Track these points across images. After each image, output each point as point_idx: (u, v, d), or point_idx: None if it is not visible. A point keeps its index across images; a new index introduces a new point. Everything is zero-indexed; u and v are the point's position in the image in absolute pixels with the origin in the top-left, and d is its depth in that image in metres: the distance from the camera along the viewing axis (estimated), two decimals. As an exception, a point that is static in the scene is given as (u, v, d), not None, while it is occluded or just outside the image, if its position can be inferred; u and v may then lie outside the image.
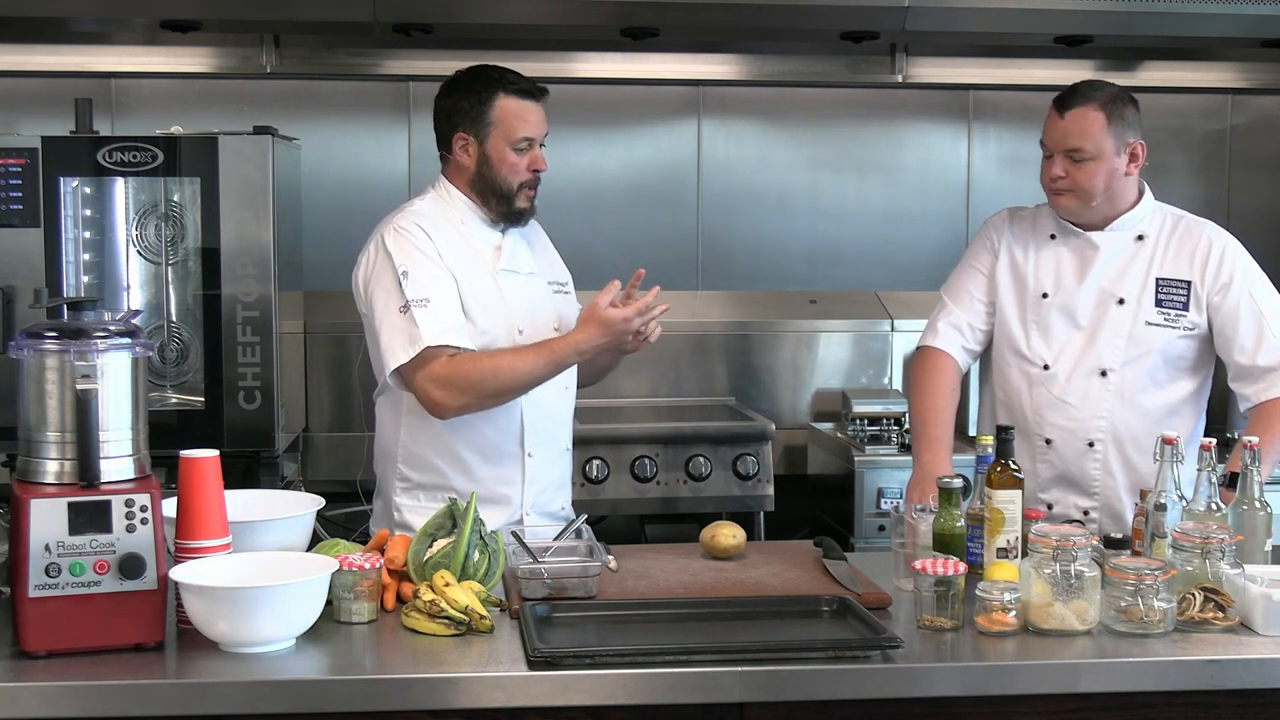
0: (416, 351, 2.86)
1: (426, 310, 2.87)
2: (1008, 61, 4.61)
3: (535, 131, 3.00)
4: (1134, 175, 3.11)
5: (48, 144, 3.74)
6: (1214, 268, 3.08)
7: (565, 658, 2.20)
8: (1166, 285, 3.09)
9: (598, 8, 3.98)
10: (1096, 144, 3.03)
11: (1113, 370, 3.09)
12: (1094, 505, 3.12)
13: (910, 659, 2.26)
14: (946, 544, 2.64)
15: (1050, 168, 3.09)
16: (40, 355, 2.26)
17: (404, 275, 2.90)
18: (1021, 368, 3.16)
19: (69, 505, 2.20)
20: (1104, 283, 3.12)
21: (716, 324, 4.61)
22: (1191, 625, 2.39)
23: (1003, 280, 3.20)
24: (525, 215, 3.06)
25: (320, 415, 4.42)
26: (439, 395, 2.87)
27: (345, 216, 4.34)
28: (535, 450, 3.06)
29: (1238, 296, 3.06)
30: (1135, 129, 3.08)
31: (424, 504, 3.00)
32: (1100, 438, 3.09)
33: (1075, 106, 3.05)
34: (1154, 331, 3.08)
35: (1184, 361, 3.10)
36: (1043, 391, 3.12)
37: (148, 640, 2.24)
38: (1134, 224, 3.14)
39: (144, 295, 3.95)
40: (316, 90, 4.51)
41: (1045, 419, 3.12)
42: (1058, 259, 3.16)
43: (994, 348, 3.24)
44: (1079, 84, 3.10)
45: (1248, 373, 3.06)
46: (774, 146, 4.76)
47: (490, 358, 2.90)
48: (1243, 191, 4.90)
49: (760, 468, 4.08)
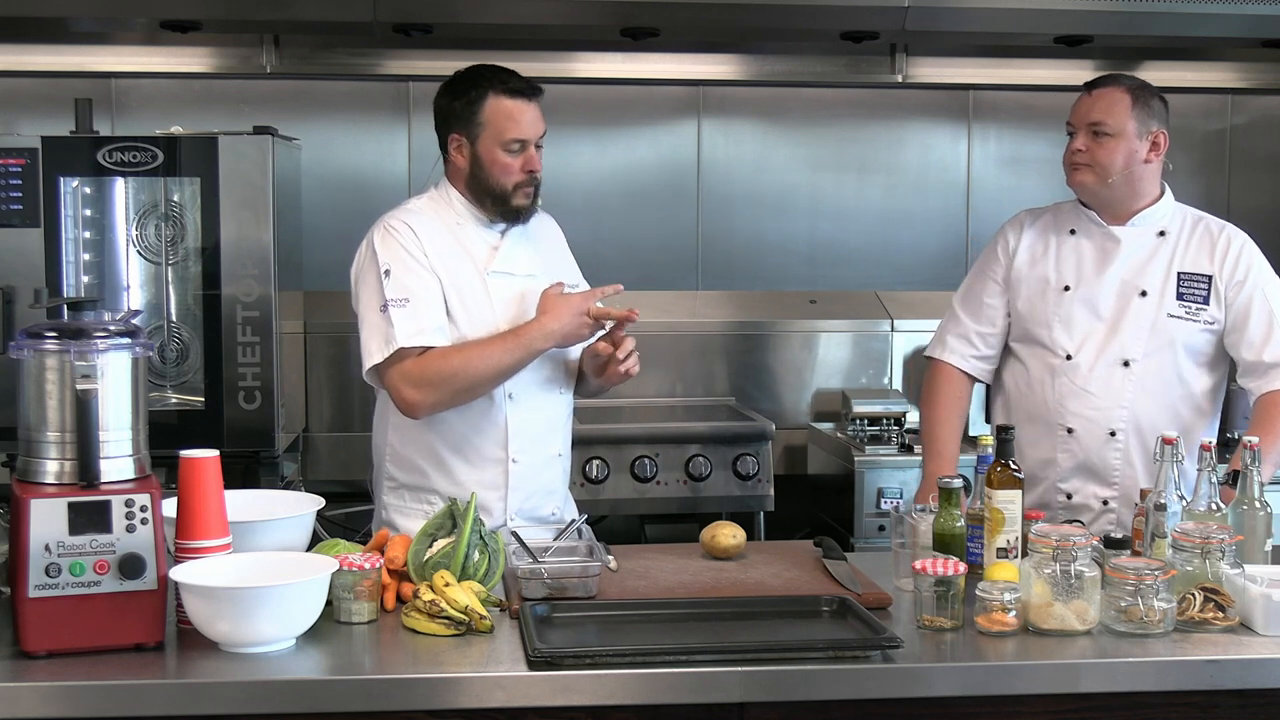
0: (390, 351, 2.85)
1: (404, 310, 2.86)
2: (1008, 61, 4.60)
3: (527, 132, 2.95)
4: (1155, 166, 3.16)
5: (48, 144, 3.74)
6: (1231, 264, 3.13)
7: (565, 658, 2.19)
8: (1188, 279, 3.13)
9: (598, 8, 3.98)
10: (1119, 122, 3.08)
11: (1135, 361, 3.11)
12: (1113, 495, 3.14)
13: (910, 659, 2.26)
14: (946, 544, 2.64)
15: (1072, 143, 3.15)
16: (40, 355, 2.26)
17: (386, 274, 2.89)
18: (1044, 359, 3.18)
19: (69, 505, 2.20)
20: (1126, 275, 3.15)
21: (716, 324, 4.61)
22: (1191, 625, 2.39)
23: (1022, 278, 3.23)
24: (525, 213, 3.03)
25: (320, 415, 4.42)
26: (410, 394, 2.86)
27: (345, 216, 4.34)
28: (520, 456, 3.02)
29: (1250, 293, 3.11)
30: (1160, 120, 3.14)
31: (409, 504, 3.00)
32: (1122, 427, 3.11)
33: (1104, 86, 3.13)
34: (1176, 324, 3.11)
35: (1203, 357, 3.14)
36: (1065, 381, 3.14)
37: (148, 640, 2.24)
38: (1155, 220, 3.18)
39: (144, 295, 3.95)
40: (316, 90, 4.51)
41: (1067, 408, 3.14)
42: (1079, 253, 3.20)
43: (1011, 343, 3.26)
44: (1111, 72, 3.20)
45: (1254, 368, 3.10)
46: (774, 146, 4.75)
47: (459, 351, 2.88)
48: (1243, 191, 4.90)
49: (760, 468, 4.08)
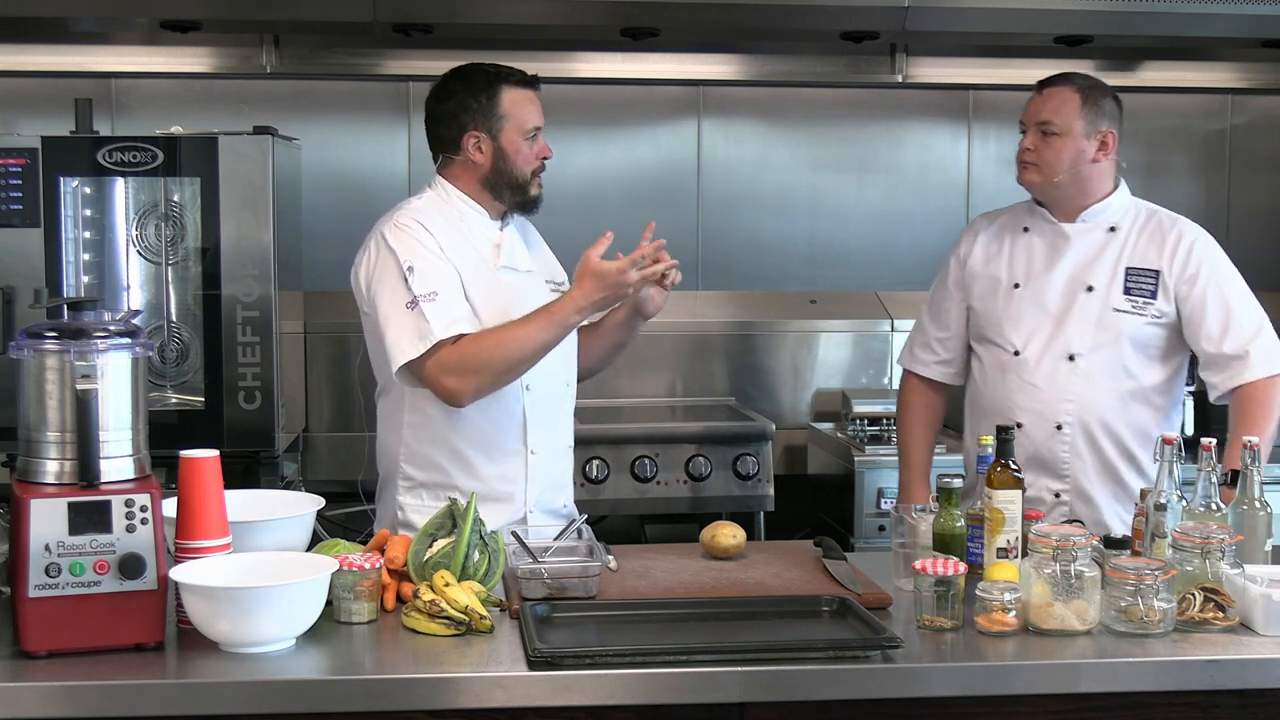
0: (428, 345, 2.85)
1: (435, 304, 2.87)
2: (1008, 61, 4.60)
3: (540, 120, 3.05)
4: (1105, 165, 3.18)
5: (48, 144, 3.74)
6: (1182, 258, 3.14)
7: (565, 658, 2.19)
8: (1135, 273, 3.16)
9: (598, 8, 3.98)
10: (1066, 121, 3.12)
11: (1080, 355, 3.15)
12: (1064, 488, 3.17)
13: (910, 659, 2.26)
14: (946, 544, 2.64)
15: (1022, 142, 3.19)
16: (40, 355, 2.26)
17: (409, 270, 2.89)
18: (996, 355, 3.23)
19: (69, 505, 2.20)
20: (1074, 271, 3.19)
21: (716, 324, 4.61)
22: (1191, 625, 2.39)
23: (976, 278, 3.28)
24: (537, 203, 3.08)
25: (320, 415, 4.42)
26: (452, 383, 2.86)
27: (345, 216, 4.34)
28: (538, 447, 3.05)
29: (1204, 287, 3.12)
30: (1111, 120, 3.15)
31: (427, 503, 2.99)
32: (1068, 420, 3.13)
33: (1055, 85, 3.16)
34: (1121, 318, 3.14)
35: (1153, 350, 3.16)
36: (1014, 377, 3.19)
37: (148, 640, 2.24)
38: (1106, 216, 3.21)
39: (144, 295, 3.95)
40: (316, 90, 4.51)
41: (1016, 403, 3.18)
42: (1030, 250, 3.24)
43: (971, 343, 3.32)
44: (1065, 71, 3.20)
45: (1214, 360, 3.12)
46: (774, 146, 4.75)
47: (493, 334, 2.89)
48: (1243, 191, 4.90)
49: (760, 468, 4.08)
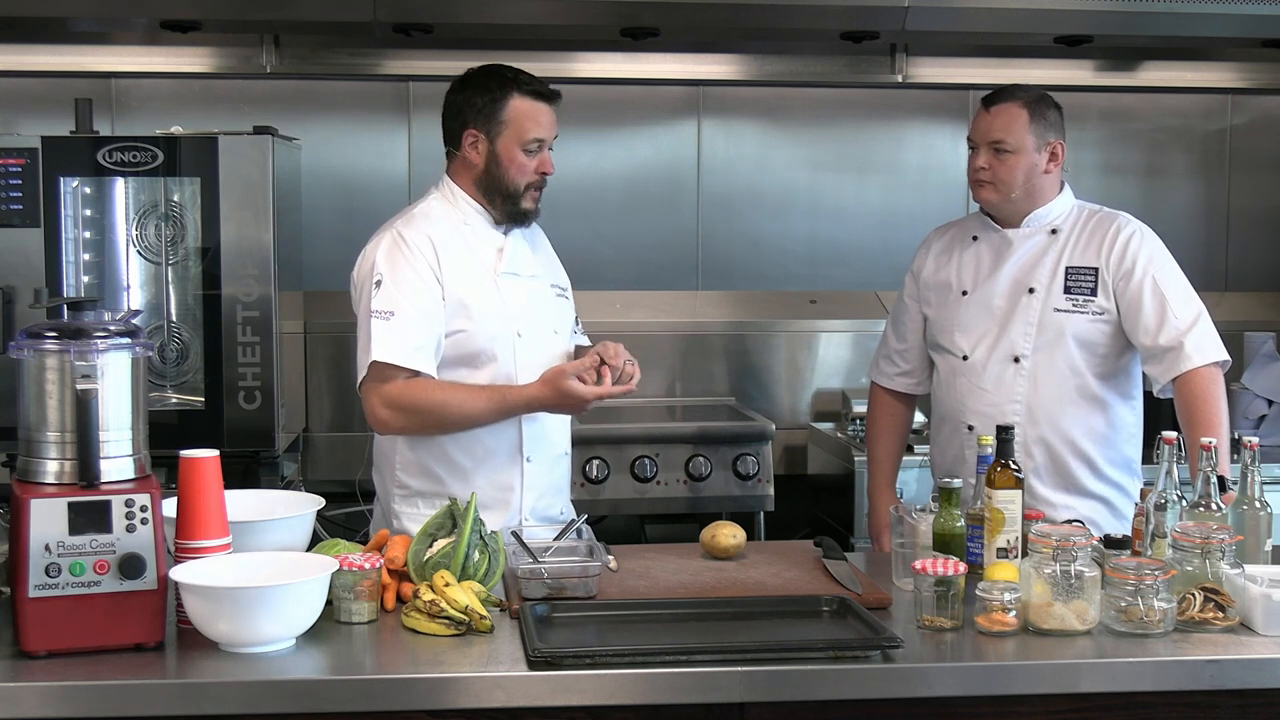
0: (366, 364, 2.86)
1: (387, 324, 2.87)
2: (1008, 61, 4.60)
3: (546, 133, 3.00)
4: (1054, 174, 3.25)
5: (48, 144, 3.74)
6: (1119, 254, 3.19)
7: (565, 658, 2.19)
8: (1075, 272, 3.22)
9: (598, 8, 3.98)
10: (1018, 139, 3.18)
11: (1025, 356, 3.21)
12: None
13: (910, 659, 2.26)
14: (946, 544, 2.64)
15: (974, 159, 3.24)
16: (40, 355, 2.26)
17: (377, 285, 2.89)
18: (949, 361, 3.32)
19: (69, 505, 2.20)
20: (1017, 274, 3.26)
21: (716, 324, 4.61)
22: (1191, 625, 2.39)
23: (929, 287, 3.37)
24: (530, 216, 3.06)
25: (320, 415, 4.42)
26: (384, 414, 2.89)
27: (345, 216, 4.35)
28: (534, 455, 3.05)
29: (1141, 280, 3.16)
30: (1057, 130, 3.24)
31: (422, 511, 2.98)
32: (1017, 421, 3.16)
33: (1001, 103, 3.23)
34: (1062, 317, 3.19)
35: (1100, 348, 3.20)
36: (964, 381, 3.27)
37: (148, 640, 2.24)
38: (1048, 219, 3.28)
39: (144, 295, 3.94)
40: (316, 90, 4.51)
41: (967, 406, 3.26)
42: (978, 257, 3.33)
43: (929, 350, 3.40)
44: (1007, 85, 3.28)
45: (1151, 353, 3.16)
46: (774, 146, 4.75)
47: (442, 390, 2.90)
48: (1243, 191, 4.90)
49: (760, 468, 4.08)
